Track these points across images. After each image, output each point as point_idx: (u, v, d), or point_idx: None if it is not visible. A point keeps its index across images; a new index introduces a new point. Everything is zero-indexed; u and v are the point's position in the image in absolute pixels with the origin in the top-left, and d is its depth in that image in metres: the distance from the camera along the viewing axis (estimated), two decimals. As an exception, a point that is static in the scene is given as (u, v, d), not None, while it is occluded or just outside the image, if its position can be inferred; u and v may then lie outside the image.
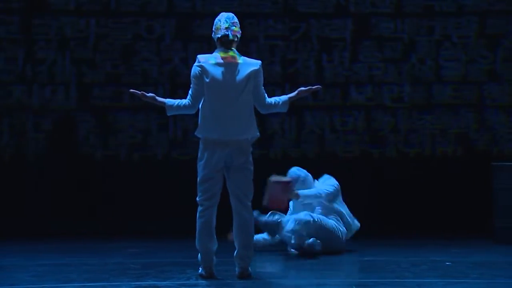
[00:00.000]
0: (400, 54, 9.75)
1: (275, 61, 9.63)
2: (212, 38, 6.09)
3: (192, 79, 5.99)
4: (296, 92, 6.16)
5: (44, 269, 6.51)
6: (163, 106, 6.09)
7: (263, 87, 6.08)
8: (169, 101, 6.08)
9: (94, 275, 6.24)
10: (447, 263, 6.81)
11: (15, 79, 9.49)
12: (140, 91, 6.08)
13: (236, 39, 6.00)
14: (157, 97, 6.10)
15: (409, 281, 5.95)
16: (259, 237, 7.46)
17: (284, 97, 6.16)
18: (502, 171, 8.31)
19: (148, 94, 6.09)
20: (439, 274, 6.28)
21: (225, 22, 5.99)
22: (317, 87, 6.18)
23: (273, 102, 6.11)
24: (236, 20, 6.03)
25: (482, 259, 7.17)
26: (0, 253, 7.63)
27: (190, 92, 6.02)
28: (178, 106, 6.04)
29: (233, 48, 6.00)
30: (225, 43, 5.98)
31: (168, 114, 6.16)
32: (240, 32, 6.05)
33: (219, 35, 5.99)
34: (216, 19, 6.05)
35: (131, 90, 6.15)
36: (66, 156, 9.49)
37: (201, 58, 6.00)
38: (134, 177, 9.41)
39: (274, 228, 7.46)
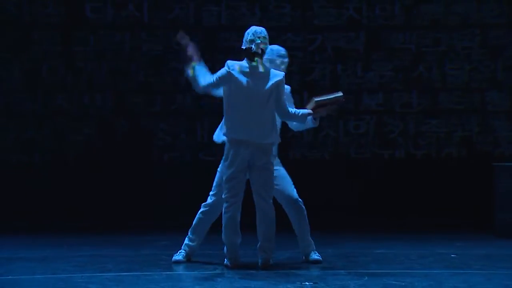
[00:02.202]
0: (409, 63, 9.73)
1: (293, 71, 9.63)
2: (241, 48, 6.10)
3: (219, 75, 5.95)
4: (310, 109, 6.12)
5: (84, 260, 6.54)
6: (192, 62, 5.95)
7: (284, 97, 6.10)
8: (201, 65, 5.97)
9: (129, 266, 6.27)
10: (452, 255, 6.78)
11: (57, 87, 9.58)
12: (187, 41, 5.92)
13: (259, 52, 6.01)
14: (196, 55, 5.96)
15: (417, 272, 5.93)
16: None
17: (304, 111, 6.15)
18: (503, 171, 8.29)
19: (191, 47, 5.94)
20: (445, 265, 6.26)
21: (252, 35, 6.01)
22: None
23: (293, 112, 6.12)
24: (264, 34, 6.03)
25: (484, 251, 7.14)
26: (45, 245, 7.69)
27: (216, 76, 5.95)
28: (203, 74, 5.94)
29: (257, 59, 6.01)
30: (248, 54, 6.01)
31: (187, 73, 6.00)
32: (267, 44, 6.05)
33: (244, 47, 6.02)
34: (246, 32, 6.07)
35: (180, 34, 5.98)
36: (103, 158, 9.55)
37: (231, 64, 6.01)
38: (164, 176, 9.45)
39: None
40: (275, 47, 6.38)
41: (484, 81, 9.72)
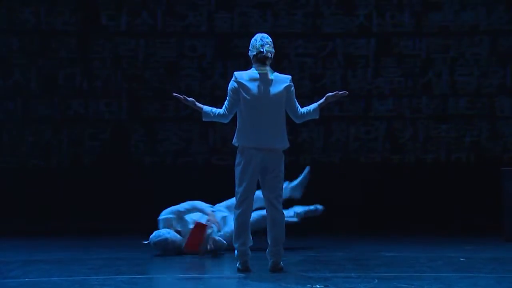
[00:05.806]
0: (419, 69, 9.72)
1: (305, 77, 9.64)
2: (248, 56, 6.11)
3: (229, 92, 6.00)
4: (324, 98, 6.11)
5: (99, 263, 6.56)
6: (200, 112, 6.09)
7: (295, 99, 6.09)
8: (206, 108, 6.08)
9: (143, 268, 6.29)
10: (462, 259, 6.75)
11: (73, 93, 9.62)
12: (182, 95, 6.08)
13: (269, 56, 6.01)
14: (196, 103, 6.09)
15: (427, 275, 5.91)
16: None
17: (314, 105, 6.12)
18: (511, 176, 8.23)
19: (189, 99, 6.08)
20: (454, 269, 6.23)
21: (260, 41, 6.01)
22: (344, 93, 6.13)
23: (305, 112, 6.10)
24: (270, 40, 6.03)
25: (494, 255, 7.09)
26: (61, 247, 7.72)
27: (226, 103, 6.03)
28: (214, 114, 6.03)
29: (267, 65, 6.01)
30: (260, 59, 5.99)
31: (204, 120, 6.12)
32: (273, 51, 6.06)
33: (255, 53, 6.01)
34: (253, 39, 6.07)
35: (174, 94, 6.14)
36: (119, 162, 9.59)
37: (238, 74, 6.02)
38: (178, 180, 9.47)
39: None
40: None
41: (493, 87, 9.69)
